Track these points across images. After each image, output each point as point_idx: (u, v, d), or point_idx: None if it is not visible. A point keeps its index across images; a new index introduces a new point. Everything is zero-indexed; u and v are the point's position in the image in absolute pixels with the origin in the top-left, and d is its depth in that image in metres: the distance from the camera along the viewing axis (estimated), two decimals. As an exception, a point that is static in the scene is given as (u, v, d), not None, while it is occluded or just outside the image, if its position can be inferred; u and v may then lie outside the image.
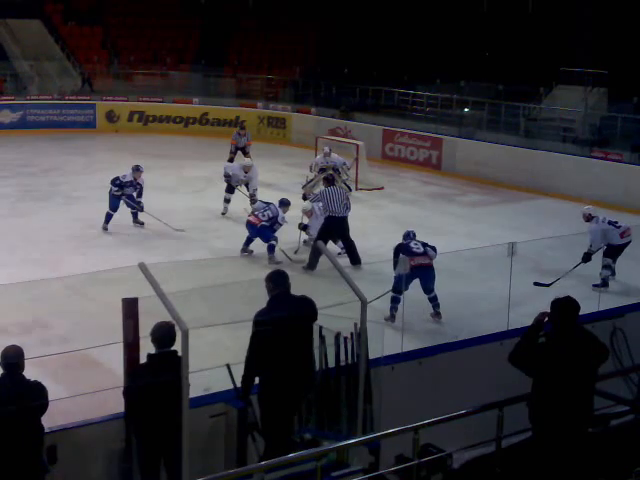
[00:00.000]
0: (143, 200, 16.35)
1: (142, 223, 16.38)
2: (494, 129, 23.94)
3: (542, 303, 6.53)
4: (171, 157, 21.58)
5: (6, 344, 6.22)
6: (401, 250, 11.62)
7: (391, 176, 22.20)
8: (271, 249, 14.08)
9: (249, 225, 14.46)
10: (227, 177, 17.48)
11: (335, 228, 14.21)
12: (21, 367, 6.08)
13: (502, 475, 5.97)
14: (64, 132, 27.46)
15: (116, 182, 16.17)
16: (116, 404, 6.63)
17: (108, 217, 16.08)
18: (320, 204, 14.62)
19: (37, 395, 6.09)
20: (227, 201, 17.36)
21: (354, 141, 22.46)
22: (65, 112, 28.88)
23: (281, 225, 14.39)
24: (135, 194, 16.27)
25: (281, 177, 19.21)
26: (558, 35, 25.84)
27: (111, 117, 29.19)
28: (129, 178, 16.23)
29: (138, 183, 16.32)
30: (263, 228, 14.28)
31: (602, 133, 22.60)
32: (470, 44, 28.13)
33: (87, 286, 11.03)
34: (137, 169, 16.36)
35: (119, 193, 16.14)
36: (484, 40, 28.13)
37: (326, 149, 20.00)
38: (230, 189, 17.50)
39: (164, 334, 6.34)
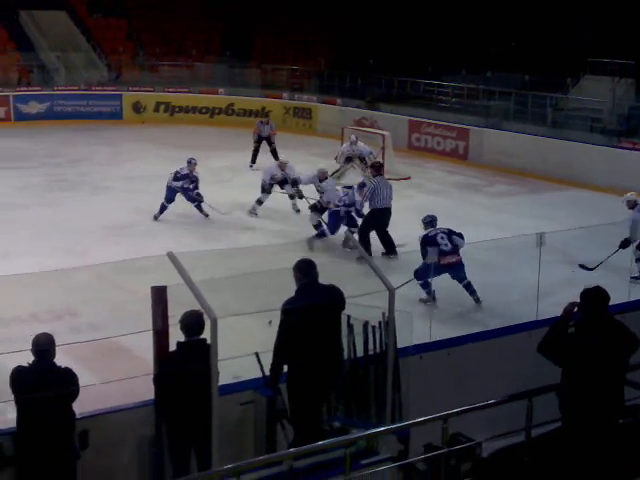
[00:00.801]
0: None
1: (207, 215, 16.40)
2: (521, 119, 23.81)
3: (571, 293, 6.49)
4: (197, 147, 21.57)
5: (37, 331, 6.29)
6: (428, 243, 11.59)
7: (417, 166, 22.15)
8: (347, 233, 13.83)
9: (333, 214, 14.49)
10: (271, 180, 16.90)
11: (381, 219, 14.00)
12: (52, 354, 6.15)
13: (531, 465, 5.96)
14: (91, 123, 27.60)
15: (177, 175, 16.24)
16: (145, 391, 6.68)
17: (162, 208, 16.22)
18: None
19: (68, 381, 6.15)
20: (260, 202, 16.87)
21: (380, 131, 22.42)
22: (92, 103, 29.04)
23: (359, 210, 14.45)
24: (192, 187, 16.27)
25: (307, 168, 19.12)
26: (585, 25, 25.63)
27: (137, 108, 29.31)
28: (185, 171, 16.30)
29: (194, 175, 16.35)
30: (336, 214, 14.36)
31: (630, 123, 22.43)
32: (496, 34, 27.98)
33: (116, 274, 11.10)
34: (190, 162, 16.39)
35: (178, 185, 16.19)
36: (511, 30, 27.97)
37: (352, 137, 19.96)
38: (266, 190, 16.98)
39: (193, 322, 6.38)
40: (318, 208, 15.03)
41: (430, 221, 12.02)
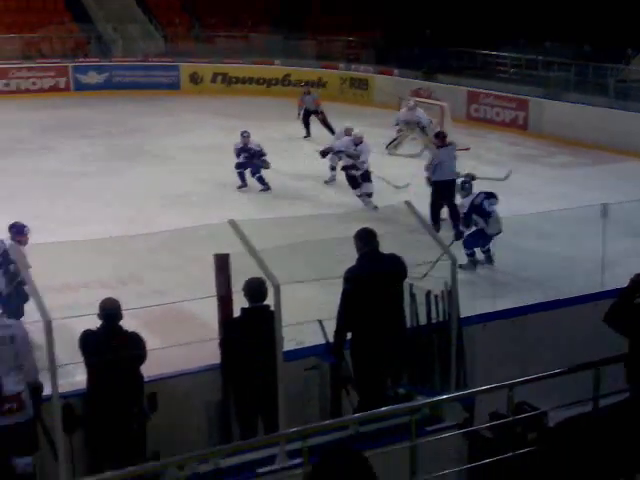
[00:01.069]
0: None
1: (268, 188, 16.34)
2: (582, 90, 23.42)
3: (637, 264, 6.40)
4: (254, 118, 21.64)
5: (104, 297, 6.39)
6: (476, 211, 11.53)
7: (477, 137, 21.92)
8: None
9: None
10: (336, 152, 16.22)
11: (446, 192, 13.47)
12: (119, 318, 6.24)
13: (599, 434, 5.91)
14: (149, 93, 27.77)
15: (235, 151, 16.35)
16: (210, 356, 6.76)
17: (241, 178, 16.40)
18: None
19: (135, 345, 6.25)
20: (334, 168, 16.68)
21: (438, 102, 22.23)
22: (149, 74, 29.19)
23: None
24: (253, 160, 16.29)
25: (365, 138, 19.01)
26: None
27: (195, 79, 29.41)
28: (240, 144, 16.36)
29: (250, 147, 16.35)
30: None
31: (695, 94, 21.98)
32: (555, 4, 27.49)
33: (179, 242, 11.23)
34: (242, 134, 16.41)
35: (241, 161, 16.30)
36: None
37: (411, 103, 19.69)
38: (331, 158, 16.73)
39: (256, 289, 6.42)
40: (358, 182, 14.99)
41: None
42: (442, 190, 13.46)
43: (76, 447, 6.04)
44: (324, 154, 15.43)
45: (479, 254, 11.66)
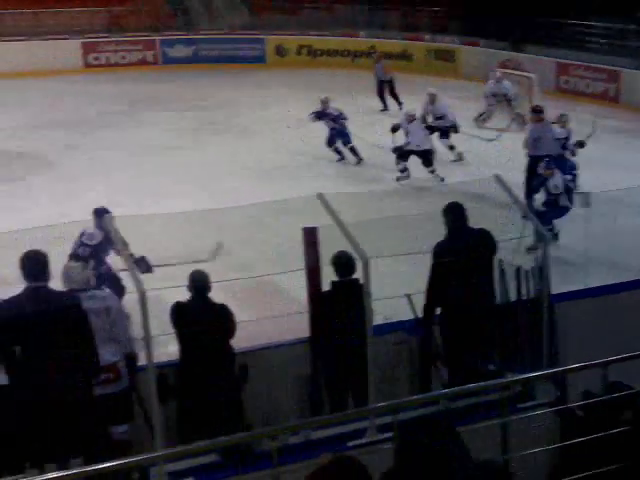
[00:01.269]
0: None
1: (360, 159, 16.36)
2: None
3: None
4: (339, 90, 21.56)
5: (194, 269, 6.47)
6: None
7: (566, 109, 21.44)
8: None
9: None
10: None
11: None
12: (208, 290, 6.31)
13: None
14: (235, 67, 27.92)
15: (315, 114, 16.43)
16: (298, 329, 6.80)
17: (335, 150, 16.44)
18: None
19: (224, 317, 6.32)
20: (452, 147, 16.54)
21: (525, 73, 21.84)
22: (235, 47, 29.34)
23: None
24: (336, 125, 16.24)
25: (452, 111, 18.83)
26: None
27: (280, 51, 29.46)
28: (319, 109, 16.40)
29: (330, 113, 16.33)
30: None
31: None
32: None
33: (267, 215, 11.32)
34: (322, 100, 16.44)
35: (329, 126, 16.33)
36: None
37: (497, 74, 19.49)
38: (443, 134, 16.47)
39: (345, 262, 6.43)
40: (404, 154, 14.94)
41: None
42: (535, 165, 13.14)
43: (170, 416, 6.16)
44: (394, 130, 15.33)
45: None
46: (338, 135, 16.31)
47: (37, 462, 5.40)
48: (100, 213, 9.07)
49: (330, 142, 16.34)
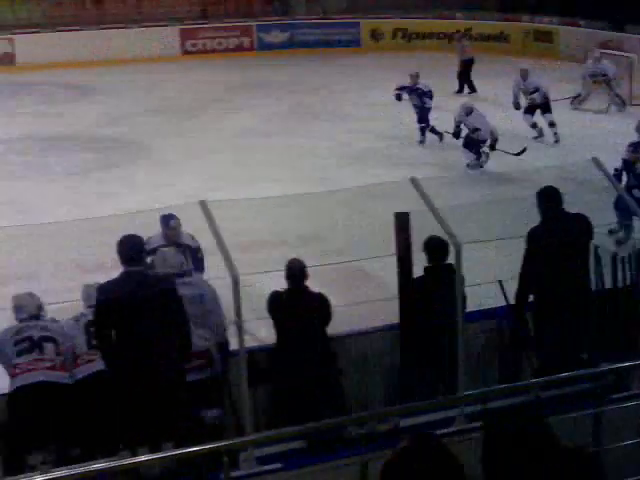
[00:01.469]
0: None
1: (440, 135, 16.19)
2: None
3: None
4: (436, 75, 21.37)
5: (286, 256, 6.52)
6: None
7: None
8: None
9: None
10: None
11: None
12: (305, 278, 6.34)
13: None
14: (330, 51, 27.91)
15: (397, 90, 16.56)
16: (389, 315, 6.79)
17: (421, 129, 16.40)
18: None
19: (321, 305, 6.34)
20: (534, 125, 16.41)
21: (626, 54, 21.26)
22: (330, 31, 29.32)
23: None
24: (420, 102, 16.19)
25: (550, 93, 18.49)
26: None
27: (375, 35, 29.32)
28: (407, 84, 16.40)
29: (418, 88, 16.27)
30: None
31: None
32: None
33: (359, 200, 11.32)
34: (410, 75, 16.45)
35: (413, 102, 16.33)
36: None
37: (596, 53, 19.06)
38: (528, 110, 16.47)
39: (439, 247, 6.39)
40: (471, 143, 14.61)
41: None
42: None
43: (259, 401, 6.23)
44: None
45: None
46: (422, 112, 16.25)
47: (130, 444, 5.53)
48: (166, 219, 8.43)
49: (421, 120, 16.28)
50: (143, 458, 4.98)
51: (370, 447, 4.81)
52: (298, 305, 6.21)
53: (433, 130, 16.22)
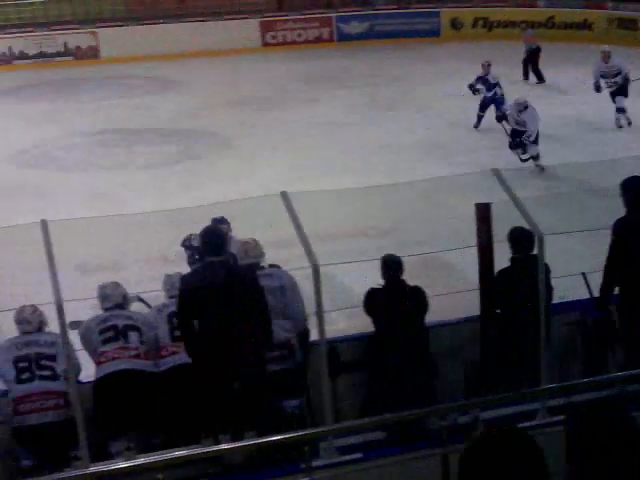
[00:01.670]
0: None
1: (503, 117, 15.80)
2: None
3: None
4: (516, 64, 21.14)
5: (365, 247, 6.51)
6: None
7: None
8: None
9: None
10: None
11: None
12: (401, 273, 6.31)
13: None
14: (409, 41, 27.75)
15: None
16: (469, 307, 6.73)
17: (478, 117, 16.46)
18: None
19: (419, 298, 6.31)
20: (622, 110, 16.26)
21: None
22: (410, 21, 29.12)
23: None
24: (492, 94, 16.16)
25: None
26: None
27: (455, 24, 29.03)
28: (480, 74, 16.47)
29: (486, 78, 16.31)
30: None
31: None
32: None
33: (439, 191, 11.25)
34: (482, 64, 16.53)
35: (477, 89, 16.39)
36: None
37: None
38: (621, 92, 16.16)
39: (524, 238, 6.29)
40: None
41: None
42: None
43: (339, 392, 6.25)
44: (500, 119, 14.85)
45: None
46: (490, 103, 16.19)
47: (212, 432, 5.60)
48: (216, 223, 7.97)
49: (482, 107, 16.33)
50: (225, 446, 5.04)
51: (451, 439, 4.79)
52: (396, 300, 6.18)
53: (500, 118, 15.92)
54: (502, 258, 6.56)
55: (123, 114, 19.52)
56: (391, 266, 6.27)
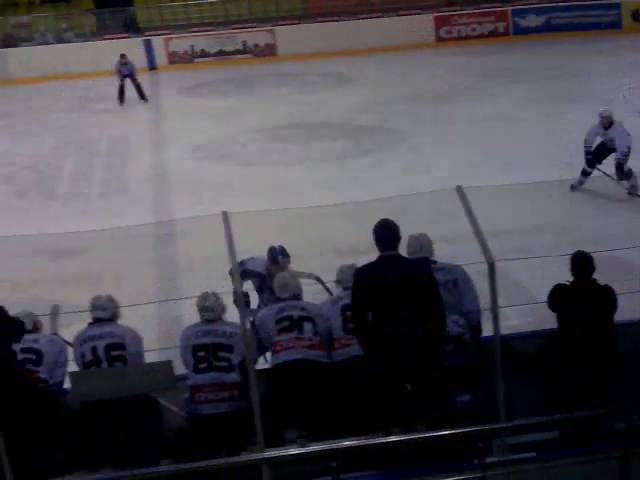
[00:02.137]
0: None
1: None
2: None
3: None
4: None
5: (540, 244, 6.36)
6: None
7: None
8: None
9: None
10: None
11: None
12: (593, 271, 6.12)
13: None
14: (588, 34, 26.97)
15: None
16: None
17: None
18: None
19: (609, 298, 6.09)
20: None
21: None
22: (589, 13, 28.30)
23: None
24: None
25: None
26: None
27: (637, 16, 27.93)
28: None
29: None
30: None
31: None
32: None
33: (612, 188, 10.86)
34: None
35: None
36: None
37: None
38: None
39: None
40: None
41: None
42: None
43: (512, 389, 6.14)
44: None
45: None
46: None
47: (383, 426, 5.60)
48: (274, 253, 7.74)
49: None
50: (395, 438, 5.05)
51: (632, 442, 4.64)
52: (586, 298, 6.02)
53: None
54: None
55: (299, 110, 19.89)
56: (582, 263, 6.10)
